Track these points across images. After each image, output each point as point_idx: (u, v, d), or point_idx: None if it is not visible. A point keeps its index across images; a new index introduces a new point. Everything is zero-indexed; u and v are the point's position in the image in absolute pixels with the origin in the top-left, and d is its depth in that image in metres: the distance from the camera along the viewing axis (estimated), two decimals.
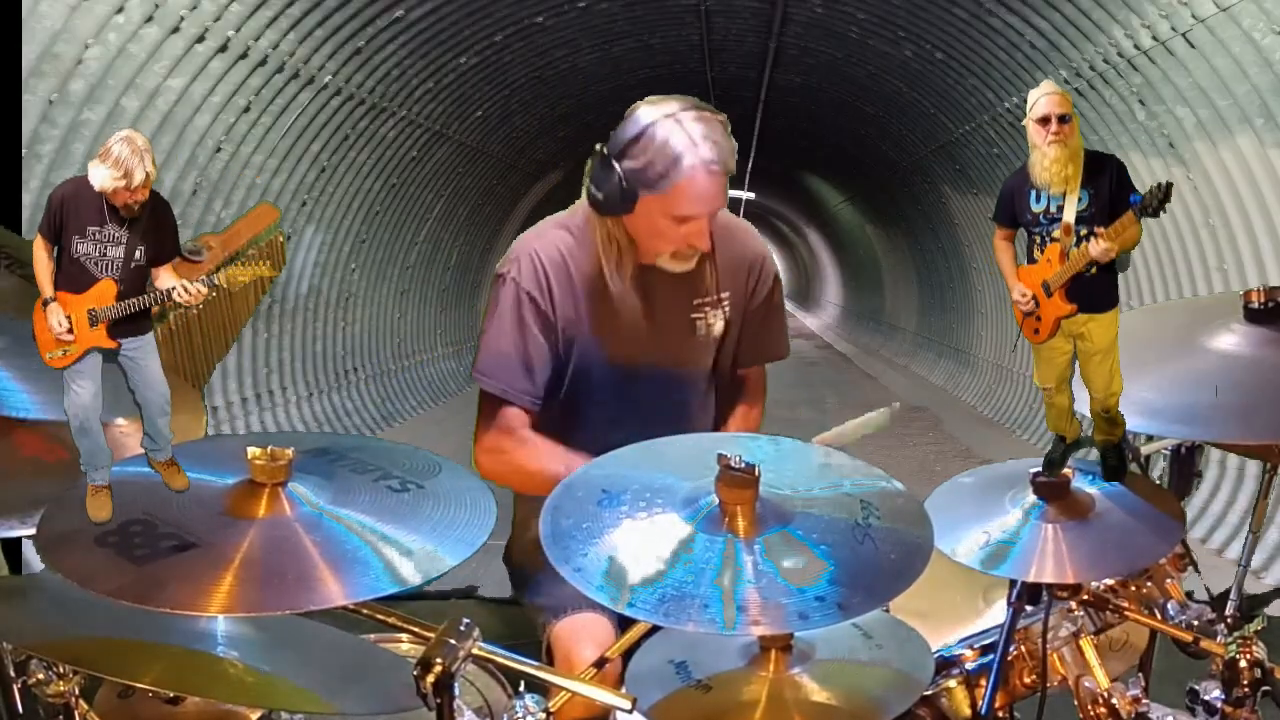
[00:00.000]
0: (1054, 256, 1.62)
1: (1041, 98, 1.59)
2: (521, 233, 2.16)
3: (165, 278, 1.38)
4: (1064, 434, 1.74)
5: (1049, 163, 1.58)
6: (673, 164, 1.89)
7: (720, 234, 2.09)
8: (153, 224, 1.36)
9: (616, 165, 1.92)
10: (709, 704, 1.56)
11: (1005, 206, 1.68)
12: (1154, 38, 5.74)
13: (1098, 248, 1.57)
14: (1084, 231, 1.60)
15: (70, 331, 1.33)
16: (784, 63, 10.02)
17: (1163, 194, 1.52)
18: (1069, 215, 1.59)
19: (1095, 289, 1.63)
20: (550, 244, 2.08)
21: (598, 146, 1.95)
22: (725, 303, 2.15)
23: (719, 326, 2.15)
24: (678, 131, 1.90)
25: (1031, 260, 1.66)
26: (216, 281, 1.36)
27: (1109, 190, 1.60)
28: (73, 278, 1.34)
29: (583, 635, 1.99)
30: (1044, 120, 1.58)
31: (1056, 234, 1.61)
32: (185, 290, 1.35)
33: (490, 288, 2.12)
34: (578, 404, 2.10)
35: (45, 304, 1.34)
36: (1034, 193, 1.62)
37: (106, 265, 1.34)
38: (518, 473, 2.06)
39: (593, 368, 2.09)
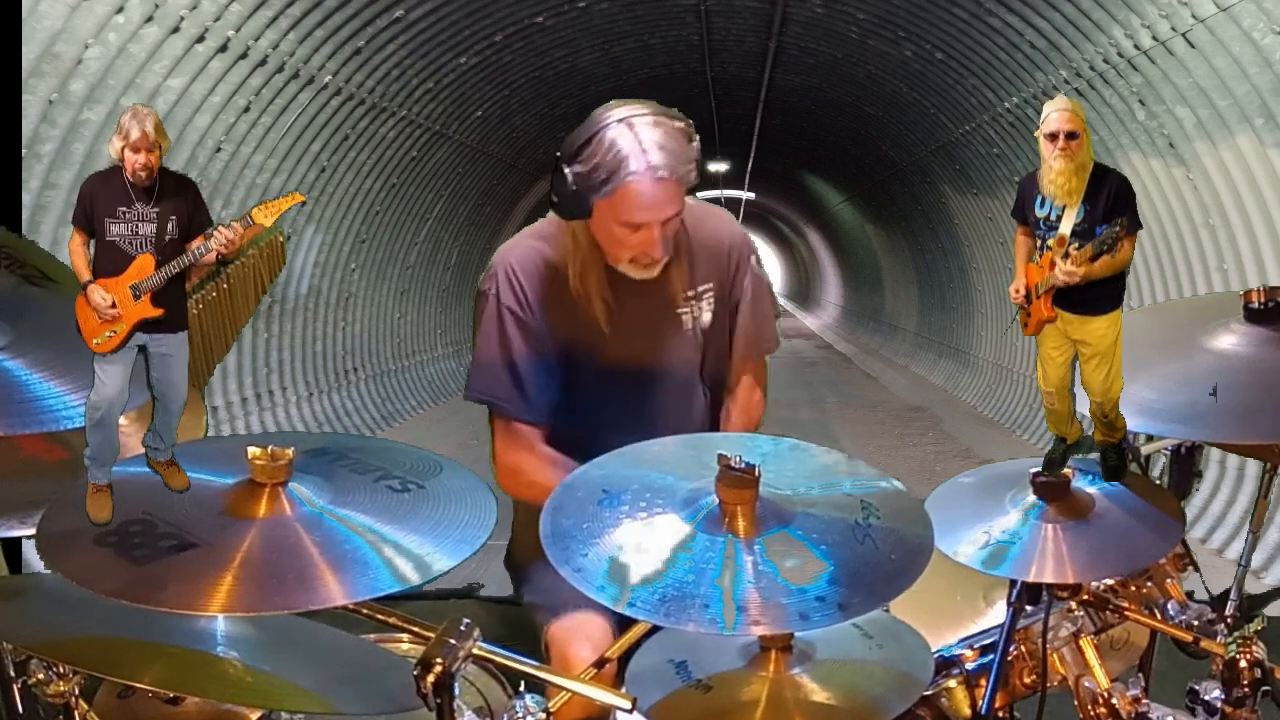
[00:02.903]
0: (1045, 264, 1.64)
1: (1052, 113, 1.62)
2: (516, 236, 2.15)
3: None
4: (1064, 436, 1.74)
5: (1054, 175, 1.62)
6: (617, 168, 1.86)
7: (692, 225, 2.07)
8: (180, 199, 1.37)
9: (566, 170, 1.89)
10: (709, 704, 1.56)
11: (1019, 204, 1.71)
12: (1154, 38, 5.74)
13: (1062, 270, 1.60)
14: (1075, 245, 1.62)
15: (114, 307, 1.34)
16: (784, 63, 10.02)
17: (1114, 237, 1.57)
18: (1065, 227, 1.62)
19: (1089, 293, 1.64)
20: (525, 255, 2.07)
21: (557, 152, 1.93)
22: (708, 295, 2.13)
23: (705, 319, 2.13)
24: (626, 135, 1.86)
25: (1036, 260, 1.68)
26: (251, 220, 1.36)
27: (1103, 208, 1.63)
28: (110, 261, 1.35)
29: (579, 635, 1.99)
30: (1052, 136, 1.61)
31: (1051, 243, 1.63)
32: (221, 236, 1.35)
33: (474, 304, 2.12)
34: (571, 409, 2.10)
35: (85, 287, 1.35)
36: (1040, 198, 1.65)
37: (141, 243, 1.35)
38: (539, 489, 2.04)
39: (582, 373, 2.09)
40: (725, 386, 2.23)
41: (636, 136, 1.87)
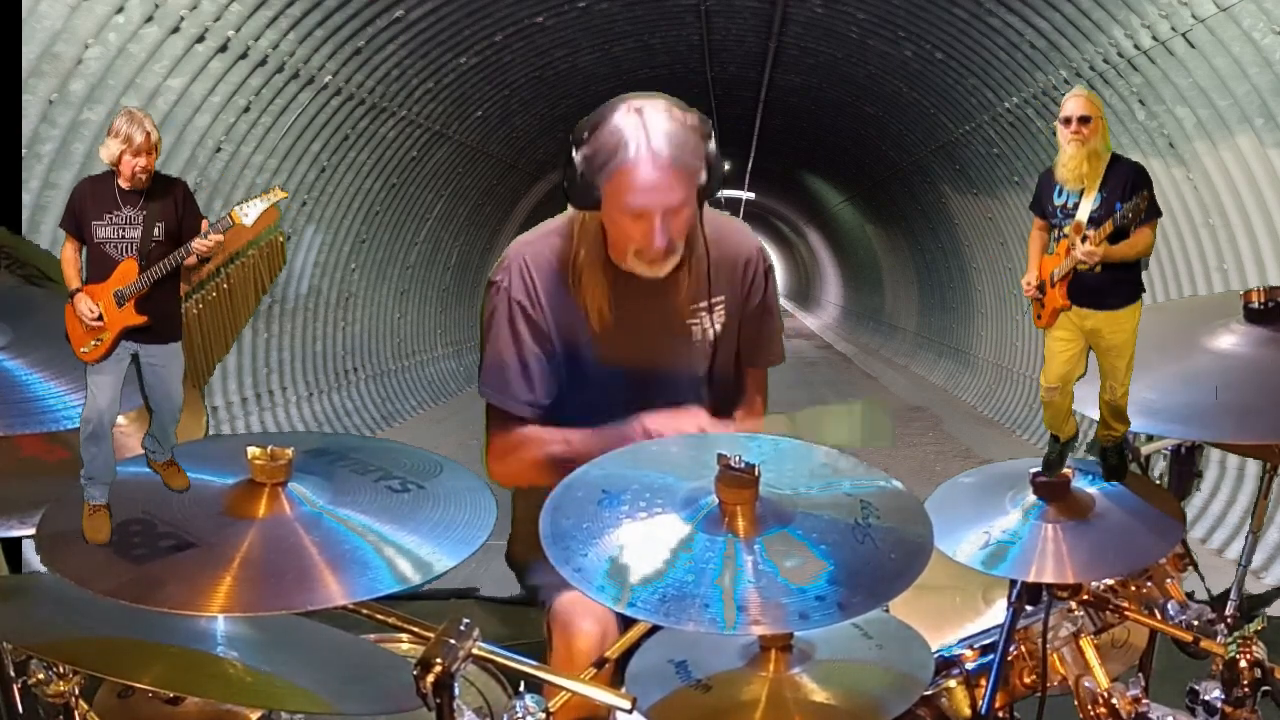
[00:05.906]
0: (1062, 251, 1.66)
1: (1068, 99, 1.65)
2: (519, 234, 2.16)
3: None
4: (1059, 433, 1.74)
5: (1065, 159, 1.64)
6: (618, 149, 1.87)
7: (714, 238, 2.08)
8: (168, 202, 1.35)
9: (576, 153, 1.91)
10: (709, 704, 1.56)
11: (1037, 197, 1.72)
12: (1154, 38, 5.74)
13: (1081, 250, 1.62)
14: (1092, 229, 1.64)
15: (100, 318, 1.32)
16: (784, 63, 10.02)
17: (1134, 209, 1.59)
18: (1082, 214, 1.64)
19: (1102, 287, 1.65)
20: (540, 250, 2.08)
21: (570, 137, 1.94)
22: (719, 306, 2.14)
23: (715, 330, 2.14)
24: (633, 121, 1.88)
25: (1051, 251, 1.69)
26: (231, 221, 1.34)
27: (1120, 195, 1.64)
28: (97, 266, 1.34)
29: (581, 609, 1.98)
30: (1065, 120, 1.64)
31: (1068, 229, 1.65)
32: (201, 241, 1.32)
33: (484, 293, 2.12)
34: (572, 407, 2.10)
35: (72, 295, 1.33)
36: (1058, 187, 1.67)
37: (126, 246, 1.33)
38: (528, 467, 2.06)
39: (587, 371, 2.09)
40: (730, 394, 2.24)
41: (643, 122, 1.88)
